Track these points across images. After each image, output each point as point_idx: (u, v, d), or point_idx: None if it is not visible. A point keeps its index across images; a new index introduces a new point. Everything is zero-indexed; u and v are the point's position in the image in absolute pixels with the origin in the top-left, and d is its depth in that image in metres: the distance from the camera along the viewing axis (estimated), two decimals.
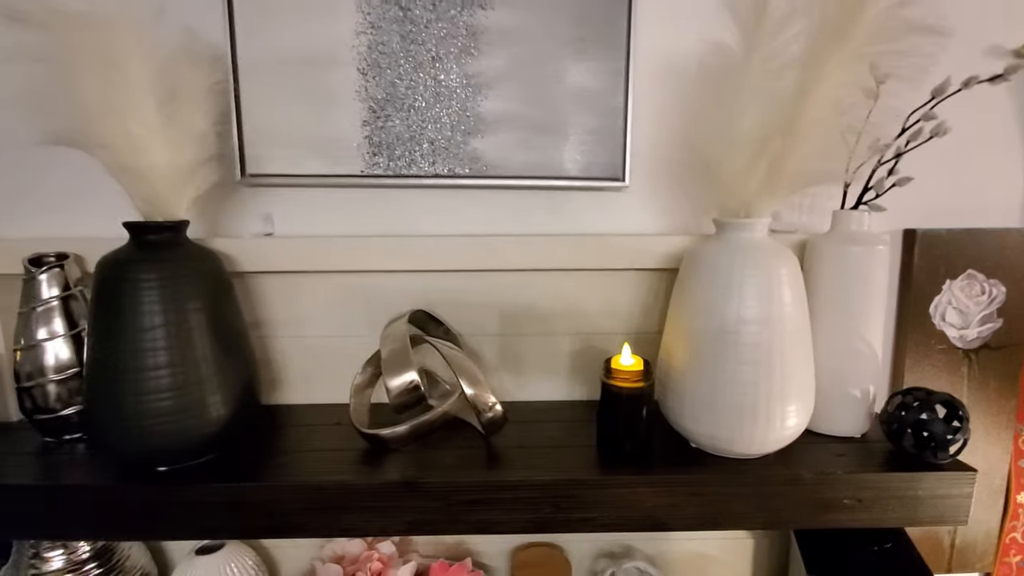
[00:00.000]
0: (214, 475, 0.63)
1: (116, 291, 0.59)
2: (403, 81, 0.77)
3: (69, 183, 0.78)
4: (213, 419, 0.63)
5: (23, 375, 0.68)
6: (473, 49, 0.76)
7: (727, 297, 0.61)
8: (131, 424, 0.59)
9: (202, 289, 0.63)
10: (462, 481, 0.62)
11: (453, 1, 0.75)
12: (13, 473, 0.64)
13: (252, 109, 0.76)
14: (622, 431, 0.66)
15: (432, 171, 0.79)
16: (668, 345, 0.68)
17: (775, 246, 0.63)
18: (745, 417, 0.61)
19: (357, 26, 0.75)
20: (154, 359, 0.59)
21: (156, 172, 0.61)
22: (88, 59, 0.56)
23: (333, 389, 0.83)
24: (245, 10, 0.74)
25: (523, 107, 0.78)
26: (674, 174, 0.81)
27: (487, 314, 0.82)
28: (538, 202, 0.82)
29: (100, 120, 0.58)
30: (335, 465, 0.65)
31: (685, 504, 0.62)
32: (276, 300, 0.80)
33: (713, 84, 0.66)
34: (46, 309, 0.69)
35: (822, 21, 0.53)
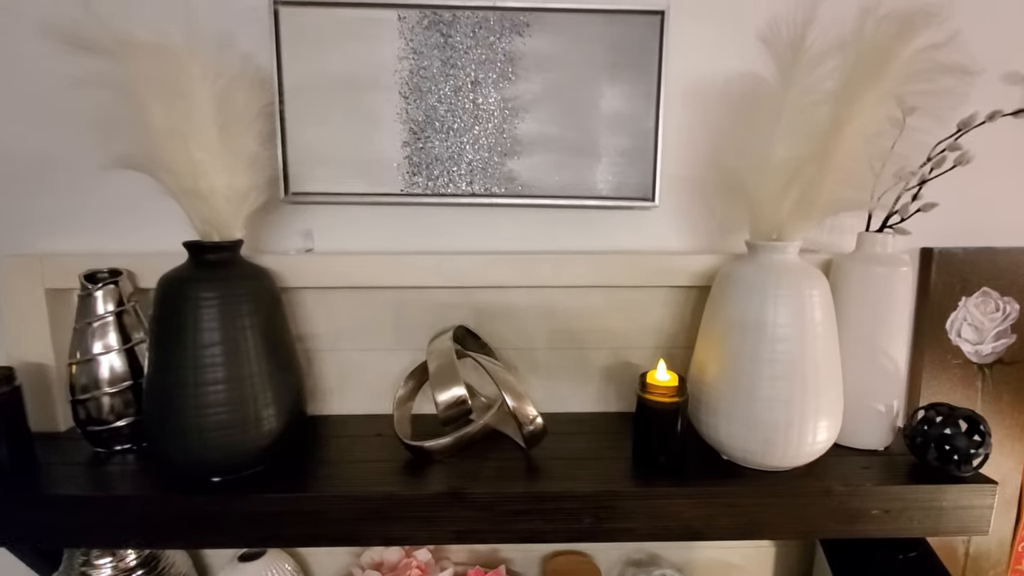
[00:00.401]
0: (266, 485, 0.65)
1: (178, 309, 0.62)
2: (443, 104, 0.80)
3: (116, 201, 0.81)
4: (265, 432, 0.65)
5: (78, 388, 0.71)
6: (511, 74, 0.79)
7: (761, 317, 0.64)
8: (193, 437, 0.61)
9: (256, 306, 0.66)
10: (507, 492, 0.64)
11: (492, 28, 0.78)
12: (68, 484, 0.66)
13: (296, 130, 0.79)
14: (657, 444, 0.69)
15: (469, 190, 0.82)
16: (701, 361, 0.71)
17: (806, 268, 0.66)
18: (779, 432, 0.63)
19: (399, 51, 0.78)
20: (213, 374, 0.62)
21: (215, 194, 0.64)
22: (157, 87, 0.59)
23: (370, 400, 0.85)
24: (292, 36, 0.77)
25: (558, 129, 0.81)
26: (702, 194, 0.84)
27: (522, 328, 0.84)
28: (570, 220, 0.85)
29: (165, 145, 0.61)
30: (381, 476, 0.68)
31: (720, 515, 0.65)
32: (316, 314, 0.83)
33: (745, 111, 0.69)
34: (102, 324, 0.71)
35: (856, 60, 0.56)
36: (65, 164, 0.80)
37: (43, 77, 0.77)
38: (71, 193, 0.80)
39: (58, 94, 0.77)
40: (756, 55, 0.66)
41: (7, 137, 0.79)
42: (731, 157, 0.79)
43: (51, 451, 0.74)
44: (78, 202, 0.81)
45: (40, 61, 0.77)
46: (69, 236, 0.82)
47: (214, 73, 0.62)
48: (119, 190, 0.81)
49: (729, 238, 0.86)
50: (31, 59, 0.77)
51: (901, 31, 0.54)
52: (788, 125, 0.61)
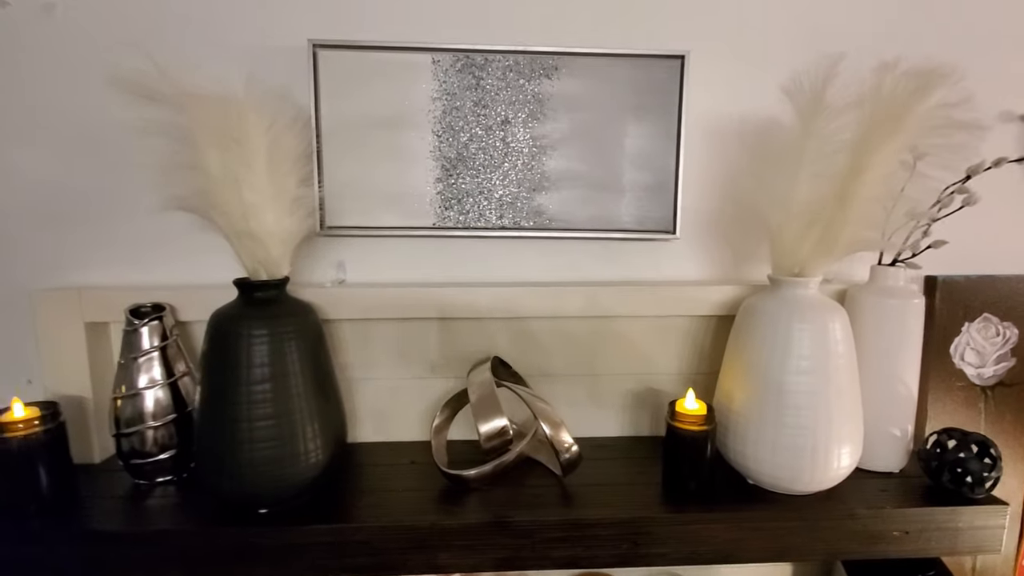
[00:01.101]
0: (311, 516, 0.67)
1: (231, 345, 0.64)
2: (474, 142, 0.83)
3: (153, 234, 0.83)
4: (312, 463, 0.67)
5: (123, 421, 0.72)
6: (539, 114, 0.83)
7: (785, 349, 0.68)
8: (246, 470, 0.63)
9: (302, 342, 0.68)
10: (548, 520, 0.67)
11: (522, 71, 0.82)
12: (111, 518, 0.67)
13: (332, 167, 0.82)
14: (687, 470, 0.72)
15: (499, 224, 0.85)
16: (727, 389, 0.74)
17: (827, 302, 0.70)
18: (805, 459, 0.67)
19: (433, 92, 0.82)
20: (265, 409, 0.64)
21: (264, 234, 0.66)
22: (215, 135, 0.62)
23: (402, 427, 0.88)
24: (329, 77, 0.80)
25: (584, 166, 0.84)
26: (719, 227, 0.89)
27: (550, 357, 0.87)
28: (595, 252, 0.89)
29: (220, 189, 0.63)
30: (422, 504, 0.70)
31: (750, 538, 0.68)
32: (351, 345, 0.85)
33: (762, 151, 0.73)
34: (147, 359, 0.73)
35: (874, 113, 0.61)
36: (101, 199, 0.82)
37: (94, 120, 0.80)
38: (106, 229, 0.83)
39: (110, 136, 0.80)
40: (775, 98, 0.71)
41: (53, 174, 0.81)
42: (748, 193, 0.84)
43: (90, 484, 0.75)
44: (113, 237, 0.83)
45: (103, 107, 0.79)
46: (104, 268, 0.84)
47: (268, 120, 0.64)
48: (156, 224, 0.83)
49: (744, 267, 0.90)
50: (95, 105, 0.80)
51: (918, 88, 0.58)
52: (809, 170, 0.65)
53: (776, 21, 0.84)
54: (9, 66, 0.78)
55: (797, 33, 0.84)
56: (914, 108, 0.58)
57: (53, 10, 0.78)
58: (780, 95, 0.70)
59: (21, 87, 0.79)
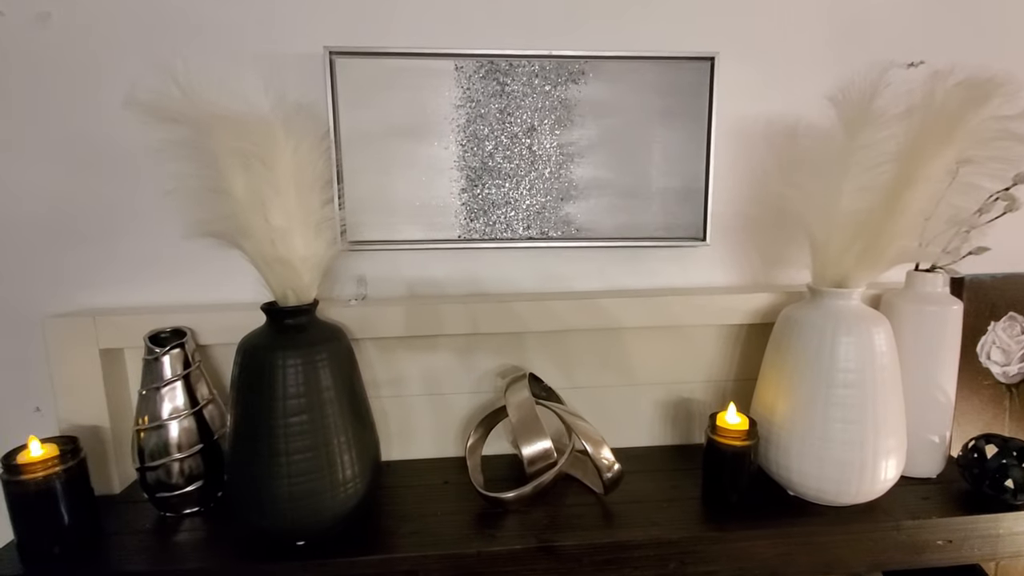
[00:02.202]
0: (353, 546, 0.65)
1: (265, 376, 0.61)
2: (500, 151, 0.80)
3: (166, 255, 0.80)
4: (352, 493, 0.65)
5: (148, 454, 0.69)
6: (566, 120, 0.80)
7: (831, 362, 0.67)
8: (284, 506, 0.61)
9: (336, 368, 0.65)
10: (596, 543, 0.65)
11: (548, 77, 0.79)
12: (139, 556, 0.65)
13: (353, 180, 0.79)
14: (728, 484, 0.71)
15: (526, 235, 0.83)
16: (768, 401, 0.73)
17: (870, 313, 0.69)
18: (853, 473, 0.66)
19: (457, 100, 0.79)
20: (302, 442, 0.61)
21: (293, 258, 0.63)
22: (240, 156, 0.58)
23: (431, 444, 0.86)
24: (348, 86, 0.76)
25: (612, 173, 0.82)
26: (750, 233, 0.87)
27: (579, 367, 0.86)
28: (624, 260, 0.87)
29: (247, 213, 0.60)
30: (462, 529, 0.68)
31: (797, 553, 0.68)
32: (378, 363, 0.83)
33: (798, 155, 0.71)
34: (170, 388, 0.70)
35: (923, 125, 0.59)
36: (114, 217, 0.78)
37: (110, 136, 0.76)
38: (119, 247, 0.79)
39: (126, 152, 0.76)
40: (813, 102, 0.69)
41: (67, 191, 0.77)
42: (783, 200, 0.82)
43: (113, 518, 0.72)
44: (127, 258, 0.79)
45: (120, 122, 0.75)
46: (118, 289, 0.80)
47: (295, 140, 0.61)
48: (173, 244, 0.79)
49: (775, 273, 0.89)
50: (112, 121, 0.75)
51: (971, 98, 0.56)
52: (855, 181, 0.64)
53: (813, 20, 0.82)
54: (19, 79, 0.74)
55: (836, 33, 0.82)
56: (967, 118, 0.57)
57: (48, 19, 0.73)
58: (817, 98, 0.68)
59: (34, 102, 0.75)
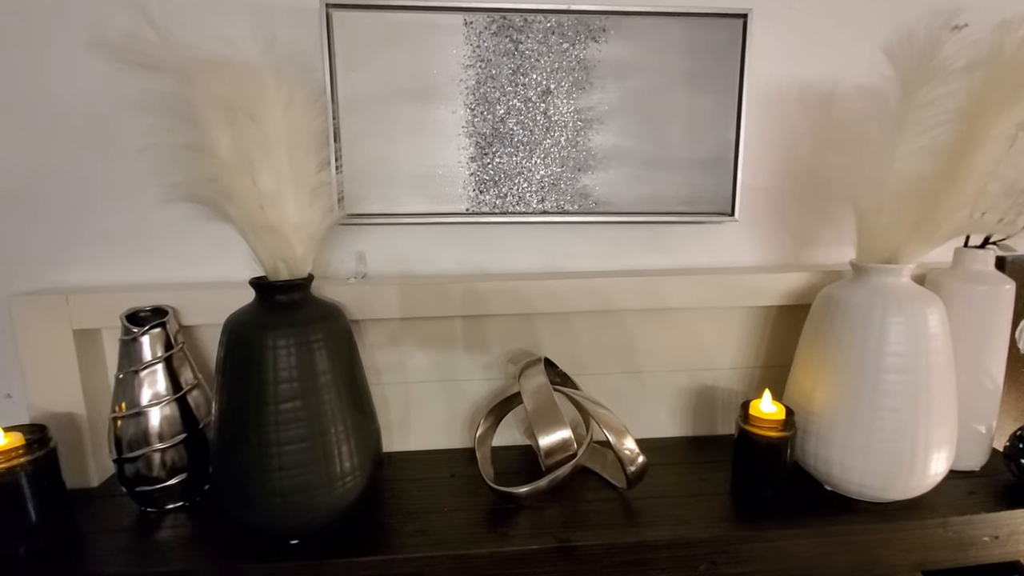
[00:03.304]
0: (351, 545, 0.59)
1: (253, 359, 0.55)
2: (512, 116, 0.74)
3: (147, 227, 0.73)
4: (350, 488, 0.59)
5: (125, 444, 0.63)
6: (585, 83, 0.73)
7: (879, 345, 0.61)
8: (275, 501, 0.55)
9: (333, 350, 0.59)
10: (618, 542, 0.60)
11: (566, 34, 0.72)
12: (117, 558, 0.58)
13: (352, 147, 0.72)
14: (762, 478, 0.65)
15: (540, 208, 0.76)
16: (805, 389, 0.68)
17: (922, 292, 0.63)
18: (902, 465, 0.60)
19: (465, 60, 0.72)
20: (295, 431, 0.55)
21: (285, 226, 0.57)
22: (226, 111, 0.51)
23: (436, 434, 0.80)
24: (346, 43, 0.69)
25: (634, 142, 0.75)
26: (783, 208, 0.81)
27: (597, 351, 0.80)
28: (646, 237, 0.80)
29: (233, 175, 0.53)
30: (471, 528, 0.62)
31: (838, 553, 0.62)
32: (378, 347, 0.76)
33: (843, 122, 0.65)
34: (150, 372, 0.63)
35: (990, 80, 0.53)
36: (88, 186, 0.71)
37: (83, 95, 0.68)
38: (92, 220, 0.72)
39: (100, 111, 0.68)
40: (861, 62, 0.63)
41: (35, 158, 0.70)
42: (824, 170, 0.76)
43: (89, 514, 0.66)
44: (101, 229, 0.72)
45: (88, 77, 0.67)
46: (93, 266, 0.73)
47: (287, 93, 0.54)
48: (154, 215, 0.72)
49: (806, 252, 0.83)
50: (82, 74, 0.68)
51: None
52: (911, 144, 0.57)
53: None
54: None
55: None
56: None
57: None
58: (862, 58, 0.62)
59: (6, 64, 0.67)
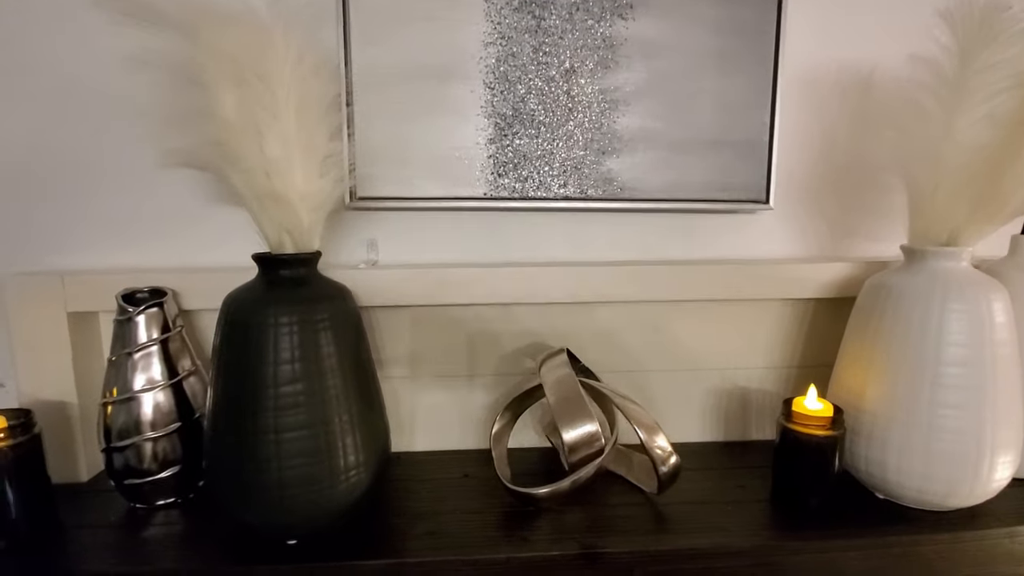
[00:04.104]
0: (355, 547, 0.54)
1: (252, 338, 0.50)
2: (533, 96, 0.70)
3: (149, 209, 0.69)
4: (354, 483, 0.54)
5: (115, 432, 0.58)
6: (610, 61, 0.70)
7: (939, 336, 0.55)
8: (273, 494, 0.50)
9: (340, 333, 0.54)
10: (651, 550, 0.54)
11: (591, 10, 0.69)
12: (101, 554, 0.54)
13: (365, 126, 0.69)
14: (807, 484, 0.59)
15: (563, 193, 0.72)
16: (852, 385, 0.62)
17: (984, 278, 0.57)
18: (967, 468, 0.54)
19: (485, 36, 0.68)
20: (295, 417, 0.50)
21: (294, 196, 0.53)
22: (232, 69, 0.48)
23: (448, 434, 0.75)
24: (361, 18, 0.67)
25: (661, 124, 0.71)
26: (822, 197, 0.76)
27: (620, 347, 0.74)
28: (673, 226, 0.76)
29: (238, 139, 0.50)
30: (487, 531, 0.57)
31: (894, 567, 0.55)
32: (387, 337, 0.72)
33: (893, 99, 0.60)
34: (145, 355, 0.59)
35: None
36: (87, 165, 0.68)
37: (87, 56, 0.65)
38: (94, 201, 0.69)
39: (98, 84, 0.65)
40: (912, 30, 0.58)
41: (30, 134, 0.67)
42: (870, 149, 0.71)
43: (75, 510, 0.61)
44: (103, 212, 0.69)
45: (87, 35, 0.65)
46: (93, 251, 0.70)
47: (297, 52, 0.51)
48: (156, 196, 0.69)
49: (846, 244, 0.78)
50: (77, 41, 0.65)
51: None
52: (972, 115, 0.53)
53: None
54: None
55: None
56: None
57: None
58: (917, 26, 0.57)
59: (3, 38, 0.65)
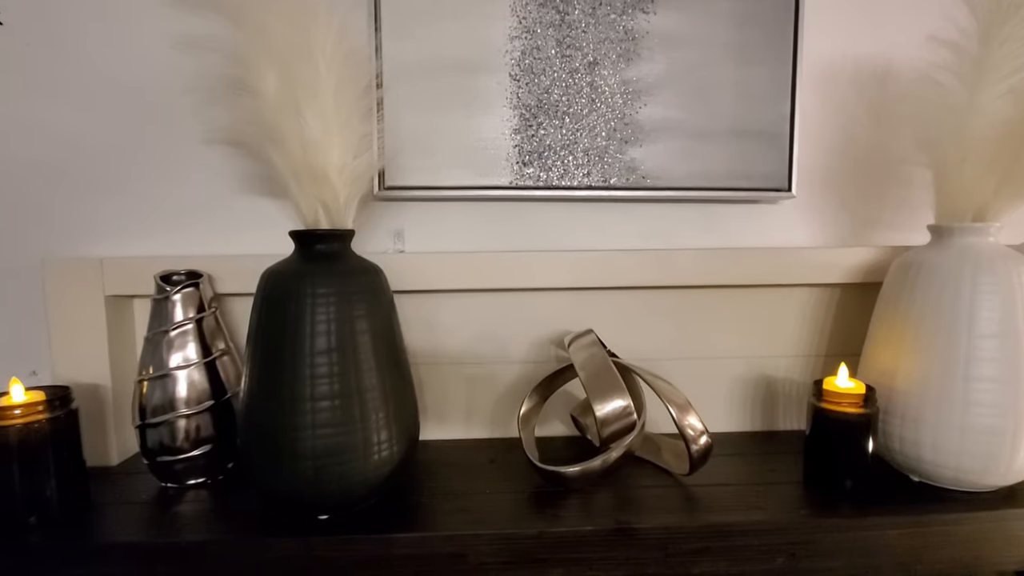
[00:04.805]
0: (381, 523, 0.53)
1: (290, 308, 0.51)
2: (557, 87, 0.72)
3: (186, 200, 0.71)
4: (385, 457, 0.54)
5: (150, 409, 0.59)
6: (632, 54, 0.72)
7: (972, 310, 0.55)
8: (307, 462, 0.50)
9: (372, 307, 0.55)
10: (684, 526, 0.53)
11: (614, 5, 0.71)
12: (133, 528, 0.54)
13: (394, 116, 0.71)
14: (841, 464, 0.58)
15: (586, 182, 0.73)
16: (883, 366, 0.61)
17: (1013, 252, 0.57)
18: (1005, 444, 0.53)
19: (511, 31, 0.71)
20: (330, 386, 0.51)
21: (332, 171, 0.55)
22: (277, 45, 0.50)
23: (472, 422, 0.74)
24: (392, 12, 0.69)
25: (684, 114, 0.73)
26: (843, 185, 0.77)
27: (643, 335, 0.75)
28: (697, 215, 0.77)
29: (279, 116, 0.52)
30: (519, 509, 0.56)
31: (938, 547, 0.54)
32: (413, 323, 0.72)
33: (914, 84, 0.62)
34: (180, 333, 0.60)
35: None
36: (130, 158, 0.70)
37: (126, 67, 0.68)
38: (132, 191, 0.71)
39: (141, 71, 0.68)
40: (930, 14, 0.60)
41: (79, 130, 0.70)
42: (894, 131, 0.72)
43: (106, 489, 0.62)
44: (143, 203, 0.71)
45: (133, 48, 0.68)
46: (133, 239, 0.72)
47: (337, 32, 0.53)
48: (194, 188, 0.71)
49: (868, 233, 0.78)
50: (123, 46, 0.68)
51: None
52: (992, 91, 0.54)
53: None
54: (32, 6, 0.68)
55: None
56: None
57: None
58: (935, 10, 0.59)
59: (47, 30, 0.68)
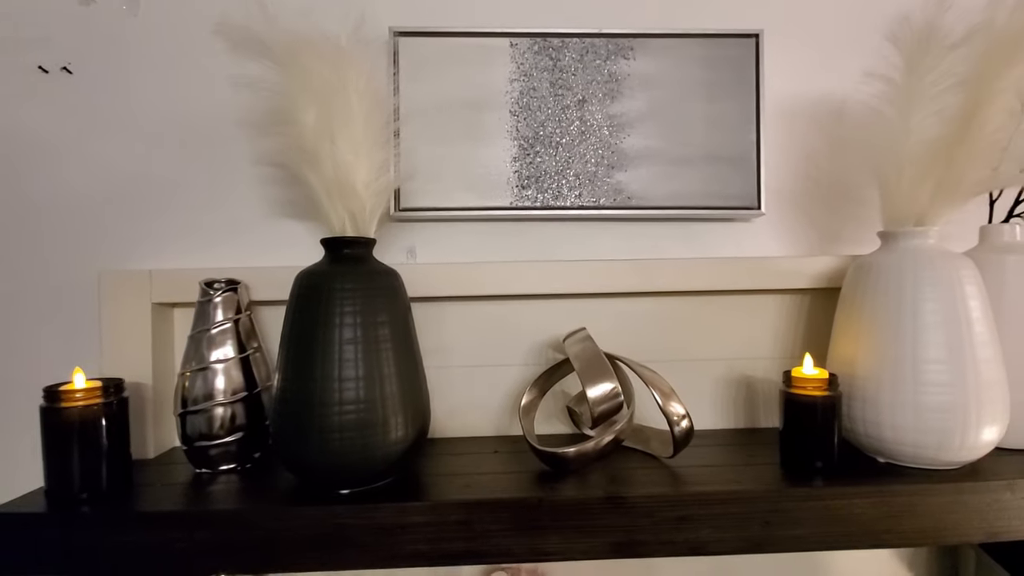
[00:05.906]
0: (397, 495, 0.59)
1: (320, 301, 0.60)
2: (551, 121, 0.83)
3: (225, 222, 0.81)
4: (400, 437, 0.61)
5: (191, 399, 0.67)
6: (616, 92, 0.83)
7: (915, 300, 0.62)
8: (333, 436, 0.57)
9: (391, 303, 0.64)
10: (669, 494, 0.59)
11: (599, 52, 0.83)
12: (174, 502, 0.60)
13: (410, 149, 0.81)
14: (811, 447, 0.64)
15: (578, 203, 0.83)
16: (846, 357, 0.68)
17: (950, 252, 0.65)
18: (956, 419, 0.60)
19: (511, 74, 0.82)
20: (355, 371, 0.58)
21: (360, 185, 0.64)
22: (318, 84, 0.61)
23: (478, 423, 0.81)
24: (409, 63, 0.81)
25: (663, 143, 0.83)
26: (807, 205, 0.86)
27: (631, 338, 0.82)
28: (676, 231, 0.85)
29: (315, 143, 0.62)
30: (520, 484, 0.62)
31: (903, 517, 0.59)
32: (422, 328, 0.80)
33: (856, 113, 0.71)
34: (220, 331, 0.68)
35: (987, 48, 0.60)
36: (180, 185, 0.81)
37: (183, 108, 0.80)
38: (181, 214, 0.81)
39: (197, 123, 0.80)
40: (867, 55, 0.70)
41: (136, 163, 0.80)
42: (841, 153, 0.82)
43: (145, 475, 0.68)
44: (189, 223, 0.81)
45: (189, 90, 0.80)
46: (178, 254, 0.81)
47: (367, 74, 0.64)
48: (228, 211, 0.81)
49: (831, 248, 0.86)
50: (180, 88, 0.80)
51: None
52: (921, 114, 0.63)
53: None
54: (100, 51, 0.80)
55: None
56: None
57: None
58: (871, 51, 0.69)
59: (111, 75, 0.80)
